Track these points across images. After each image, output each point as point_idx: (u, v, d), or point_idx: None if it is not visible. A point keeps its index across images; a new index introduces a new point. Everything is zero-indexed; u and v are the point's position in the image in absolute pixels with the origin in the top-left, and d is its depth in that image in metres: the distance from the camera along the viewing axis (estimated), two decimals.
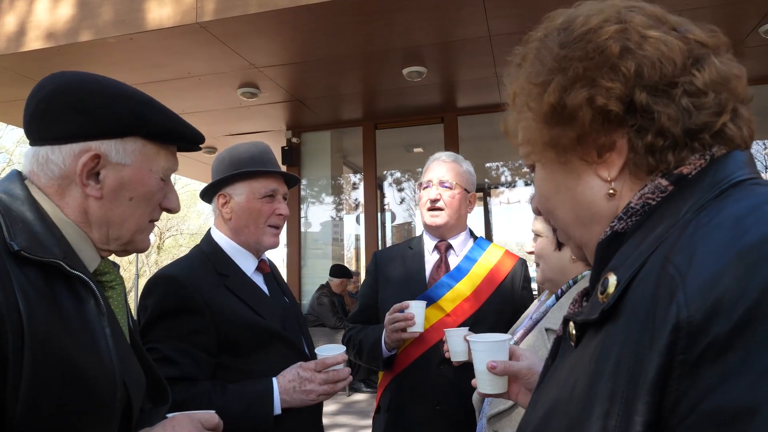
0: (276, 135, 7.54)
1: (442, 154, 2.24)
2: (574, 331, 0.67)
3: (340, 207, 8.20)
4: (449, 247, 2.20)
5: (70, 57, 4.99)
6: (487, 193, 10.39)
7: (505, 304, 2.10)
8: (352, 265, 9.58)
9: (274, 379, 1.59)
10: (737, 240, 0.51)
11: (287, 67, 5.50)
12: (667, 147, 0.65)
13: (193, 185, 21.74)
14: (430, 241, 2.23)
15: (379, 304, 2.21)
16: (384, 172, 9.16)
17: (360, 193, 7.58)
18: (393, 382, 2.09)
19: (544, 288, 1.68)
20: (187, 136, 1.11)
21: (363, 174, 7.34)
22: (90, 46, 4.85)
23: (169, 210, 1.14)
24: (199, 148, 1.16)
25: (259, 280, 1.78)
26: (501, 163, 9.56)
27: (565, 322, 0.70)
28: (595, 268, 0.69)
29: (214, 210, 1.80)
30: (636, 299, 0.56)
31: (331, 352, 1.63)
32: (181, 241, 28.08)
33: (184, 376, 1.51)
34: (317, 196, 7.98)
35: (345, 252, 9.35)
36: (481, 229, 10.24)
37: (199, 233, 24.68)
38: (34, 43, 4.90)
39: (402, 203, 9.51)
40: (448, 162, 2.17)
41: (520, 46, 0.77)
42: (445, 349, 1.70)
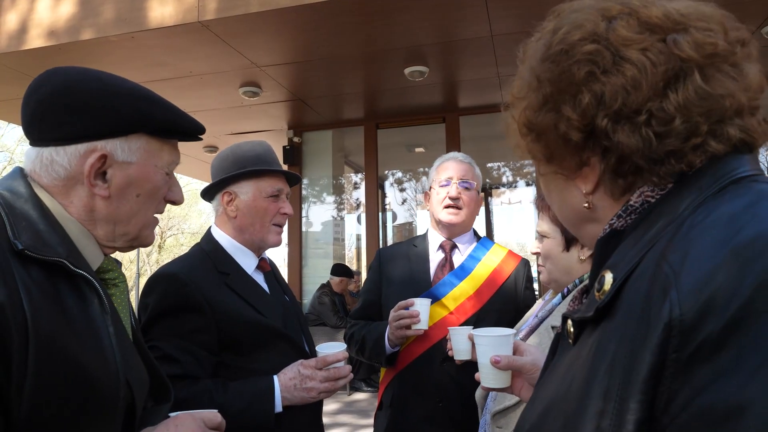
0: (277, 134, 7.54)
1: (456, 153, 2.24)
2: (572, 329, 0.67)
3: (342, 206, 8.20)
4: (454, 246, 2.21)
5: (71, 55, 4.99)
6: (488, 194, 10.39)
7: (508, 303, 2.11)
8: (353, 265, 9.58)
9: (275, 377, 1.59)
10: (731, 238, 0.51)
11: (289, 67, 5.50)
12: (632, 172, 0.64)
13: (194, 184, 21.73)
14: (436, 239, 2.23)
15: (382, 300, 2.21)
16: (385, 172, 9.15)
17: (361, 193, 7.58)
18: (396, 379, 2.10)
19: (550, 288, 1.67)
20: (189, 129, 1.11)
21: (364, 173, 7.34)
22: (91, 45, 4.85)
23: (174, 202, 1.15)
24: (200, 138, 1.16)
25: (259, 279, 1.78)
26: (502, 163, 9.56)
27: (564, 319, 0.70)
28: (594, 266, 0.69)
29: (216, 208, 1.80)
30: (631, 297, 0.56)
31: (331, 349, 1.63)
32: (182, 240, 28.10)
33: (185, 374, 1.51)
34: (318, 195, 7.98)
35: (346, 251, 9.36)
36: (483, 229, 10.25)
37: (200, 232, 24.65)
38: (36, 41, 4.91)
39: (403, 203, 9.51)
40: (465, 162, 2.19)
41: (521, 45, 0.77)
42: (449, 348, 1.70)
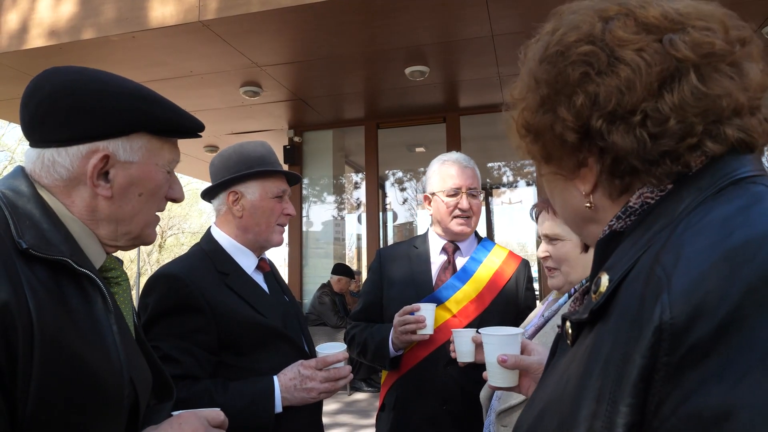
0: (278, 134, 7.54)
1: (458, 156, 2.19)
2: (571, 330, 0.66)
3: (342, 206, 8.20)
4: (456, 248, 2.20)
5: (72, 55, 5.00)
6: (489, 194, 10.39)
7: (510, 305, 2.11)
8: (354, 265, 9.58)
9: (275, 377, 1.59)
10: (723, 241, 0.50)
11: (289, 66, 5.50)
12: (628, 173, 0.64)
13: (194, 184, 21.75)
14: (437, 241, 2.22)
15: (383, 302, 2.20)
16: (386, 172, 9.17)
17: (362, 193, 7.58)
18: (399, 382, 2.09)
19: (562, 292, 1.62)
20: (190, 127, 1.12)
21: (365, 173, 7.34)
22: (92, 44, 4.86)
23: (175, 200, 1.15)
24: (200, 136, 1.17)
25: (259, 279, 1.78)
26: (503, 163, 9.56)
27: (563, 320, 0.70)
28: (594, 267, 0.69)
29: (219, 208, 1.79)
30: (626, 299, 0.56)
31: (332, 350, 1.63)
32: (183, 239, 28.13)
33: (186, 374, 1.51)
34: (319, 195, 7.98)
35: (346, 251, 9.36)
36: (483, 229, 10.24)
37: (201, 232, 24.69)
38: (37, 40, 4.91)
39: (404, 203, 9.52)
40: (469, 167, 2.16)
41: (523, 47, 0.77)
42: (452, 350, 1.70)
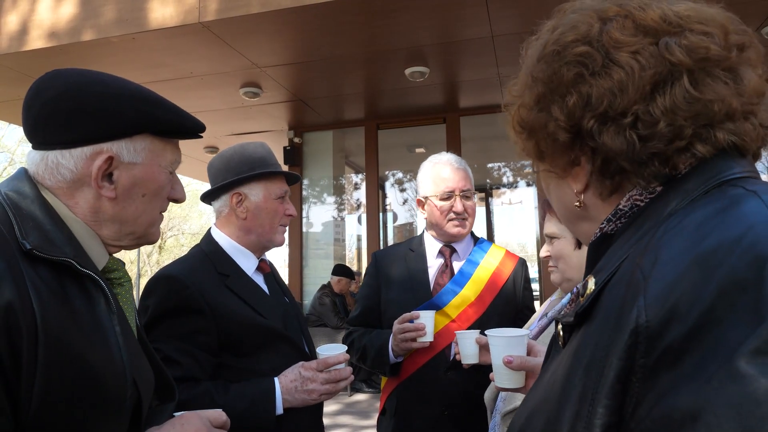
0: (278, 135, 7.55)
1: (449, 158, 2.16)
2: (562, 332, 0.67)
3: (342, 207, 8.20)
4: (453, 251, 2.18)
5: (72, 56, 5.00)
6: (489, 194, 10.39)
7: (508, 305, 2.10)
8: (354, 266, 9.57)
9: (276, 378, 1.58)
10: (696, 245, 0.51)
11: (289, 67, 5.50)
12: (618, 173, 0.65)
13: (194, 185, 21.75)
14: (434, 244, 2.19)
15: (381, 307, 2.18)
16: (386, 173, 9.16)
17: (362, 193, 7.58)
18: (399, 387, 2.08)
19: (562, 289, 1.65)
20: (191, 128, 1.13)
21: (365, 174, 7.34)
22: (92, 46, 4.86)
23: (176, 200, 1.16)
24: (201, 136, 1.18)
25: (259, 280, 1.78)
26: (503, 163, 9.56)
27: (556, 322, 0.71)
28: (586, 270, 0.70)
29: (220, 209, 1.78)
30: (608, 302, 0.57)
31: (333, 351, 1.63)
32: (183, 240, 28.13)
33: (186, 376, 1.50)
34: (319, 196, 7.98)
35: (346, 252, 9.36)
36: (483, 229, 10.24)
37: (201, 233, 24.70)
38: (37, 42, 4.91)
39: (404, 203, 9.51)
40: (461, 169, 2.14)
41: (524, 44, 0.78)
42: (456, 351, 1.69)
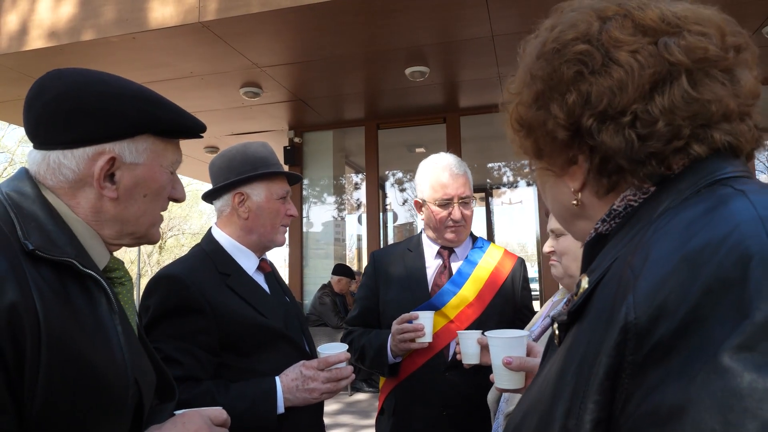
0: (278, 134, 7.55)
1: (449, 162, 2.08)
2: (558, 331, 0.68)
3: (342, 207, 8.20)
4: (452, 251, 2.16)
5: (72, 56, 5.00)
6: (489, 194, 10.39)
7: (507, 305, 2.09)
8: (354, 265, 9.58)
9: (277, 378, 1.59)
10: (685, 244, 0.52)
11: (290, 67, 5.50)
12: (615, 172, 0.65)
13: (195, 185, 21.76)
14: (432, 245, 2.18)
15: (380, 308, 2.17)
16: (386, 172, 9.16)
17: (362, 193, 7.59)
18: (398, 388, 2.07)
19: (562, 284, 1.64)
20: (192, 128, 1.13)
21: (365, 174, 7.35)
22: (92, 45, 4.86)
23: (177, 200, 1.17)
24: (201, 136, 1.18)
25: (260, 280, 1.78)
26: (503, 163, 9.56)
27: (552, 321, 0.71)
28: (581, 269, 0.71)
29: (222, 209, 1.78)
30: (600, 301, 0.58)
31: (333, 350, 1.63)
32: (183, 240, 28.14)
33: (187, 375, 1.50)
34: (319, 195, 7.98)
35: (347, 252, 9.36)
36: (483, 229, 10.24)
37: (201, 233, 24.68)
38: (37, 42, 4.92)
39: (404, 203, 9.51)
40: (461, 174, 2.06)
41: (522, 42, 0.78)
42: (457, 351, 1.68)
